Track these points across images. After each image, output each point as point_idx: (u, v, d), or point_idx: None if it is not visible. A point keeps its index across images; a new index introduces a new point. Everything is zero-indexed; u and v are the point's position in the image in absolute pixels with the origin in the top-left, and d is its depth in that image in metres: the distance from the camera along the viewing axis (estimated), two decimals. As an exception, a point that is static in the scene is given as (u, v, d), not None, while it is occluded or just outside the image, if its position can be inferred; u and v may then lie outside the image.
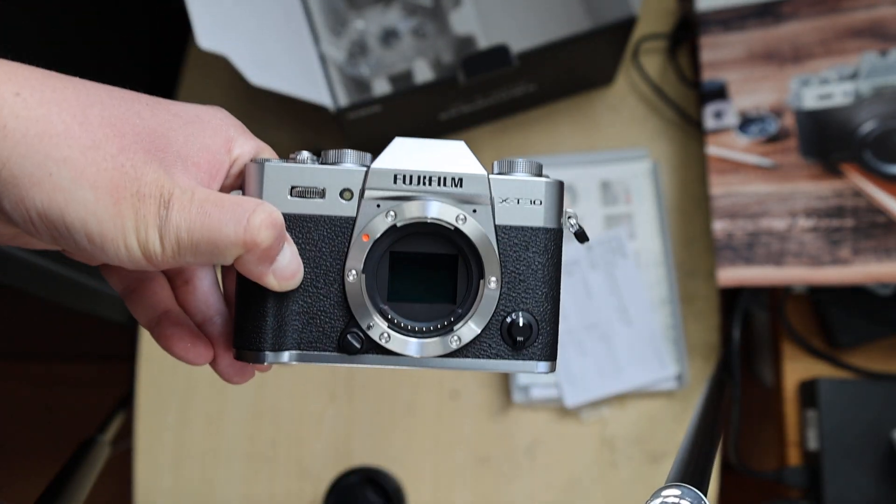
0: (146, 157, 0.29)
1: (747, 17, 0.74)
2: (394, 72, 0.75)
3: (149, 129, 0.30)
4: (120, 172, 0.28)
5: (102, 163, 0.28)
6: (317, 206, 0.33)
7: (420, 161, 0.33)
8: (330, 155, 0.34)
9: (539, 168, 0.34)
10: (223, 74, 0.84)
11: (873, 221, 0.64)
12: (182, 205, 0.29)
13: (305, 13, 0.74)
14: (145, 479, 0.73)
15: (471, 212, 0.32)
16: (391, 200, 0.32)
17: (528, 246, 0.33)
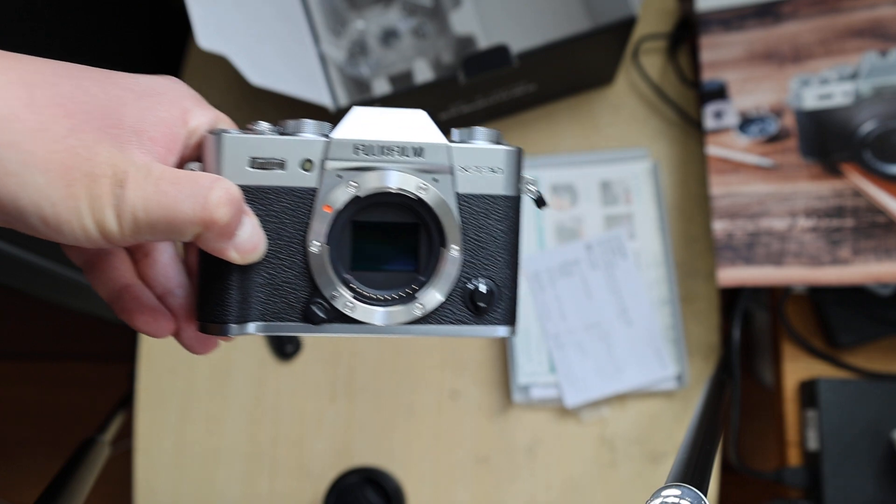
0: (97, 135, 0.29)
1: (747, 17, 0.74)
2: (394, 72, 0.75)
3: (100, 106, 0.29)
4: (71, 154, 0.28)
5: (52, 145, 0.28)
6: (277, 178, 0.32)
7: (381, 131, 0.33)
8: (289, 125, 0.33)
9: (498, 136, 0.34)
10: (223, 74, 0.84)
11: (873, 221, 0.64)
12: (137, 183, 0.28)
13: (305, 13, 0.74)
14: (145, 479, 0.73)
15: (432, 181, 0.33)
16: (353, 171, 0.32)
17: (489, 214, 0.34)
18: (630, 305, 0.71)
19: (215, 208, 0.29)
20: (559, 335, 0.71)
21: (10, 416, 1.40)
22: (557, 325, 0.71)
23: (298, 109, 0.82)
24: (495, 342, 0.74)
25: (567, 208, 0.75)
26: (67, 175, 0.28)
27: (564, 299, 0.72)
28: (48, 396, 1.39)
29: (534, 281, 0.72)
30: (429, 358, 0.74)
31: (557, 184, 0.75)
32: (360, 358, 0.74)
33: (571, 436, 0.71)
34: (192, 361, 0.75)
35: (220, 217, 0.29)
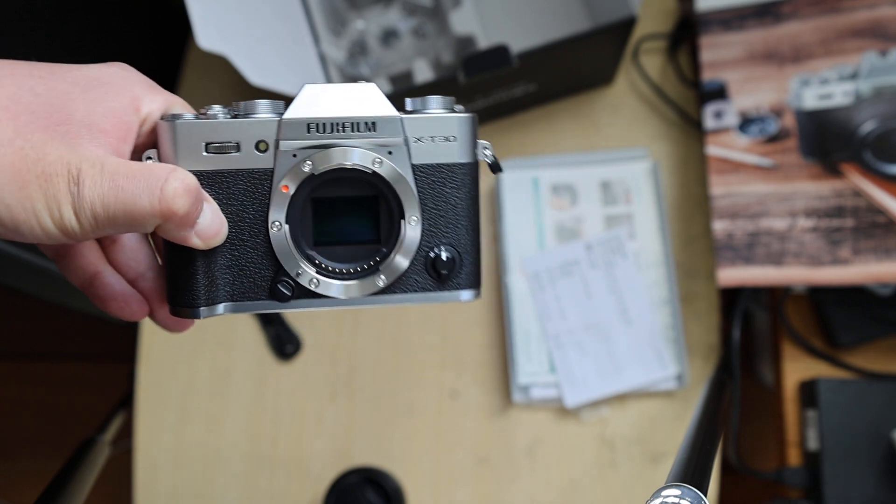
0: (46, 134, 0.28)
1: (747, 17, 0.74)
2: (394, 72, 0.75)
3: (46, 104, 0.29)
4: (20, 156, 0.28)
5: (3, 153, 0.27)
6: (233, 161, 0.32)
7: (332, 107, 0.32)
8: (241, 106, 0.33)
9: (452, 103, 0.34)
10: (223, 74, 0.84)
11: (873, 221, 0.64)
12: (93, 179, 0.28)
13: (305, 13, 0.74)
14: (145, 479, 0.73)
15: (386, 154, 0.33)
16: (307, 150, 0.32)
17: (446, 182, 0.34)
18: (630, 305, 0.71)
19: (172, 200, 0.29)
20: (559, 335, 0.71)
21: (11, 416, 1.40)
22: (557, 325, 0.71)
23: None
24: (494, 342, 0.74)
25: (567, 208, 0.75)
26: (19, 177, 0.27)
27: (564, 299, 0.72)
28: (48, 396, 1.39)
29: (534, 281, 0.72)
30: (429, 358, 0.74)
31: (557, 184, 0.75)
32: (360, 358, 0.74)
33: (571, 436, 0.71)
34: (192, 361, 0.75)
35: (178, 208, 0.29)
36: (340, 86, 0.33)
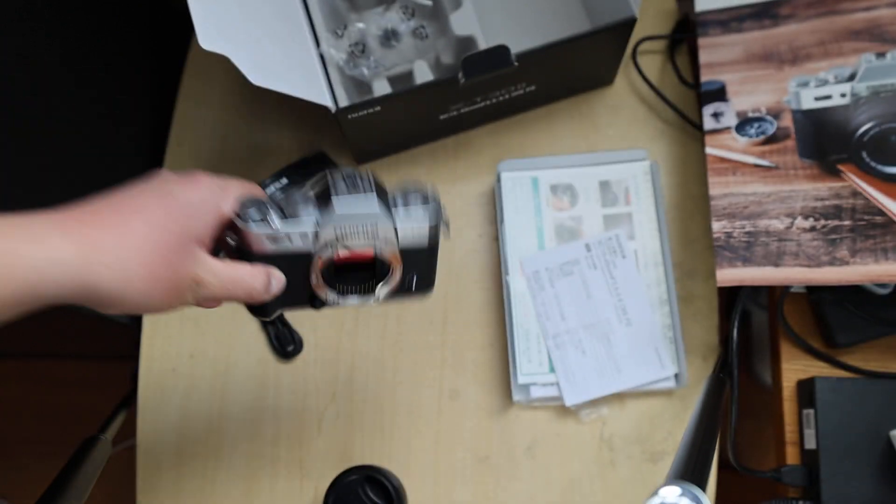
0: (179, 259, 0.43)
1: (746, 19, 0.74)
2: (394, 72, 0.75)
3: (177, 237, 0.43)
4: (169, 284, 0.43)
5: (159, 285, 0.42)
6: (287, 246, 0.48)
7: (350, 219, 0.48)
8: (291, 206, 0.48)
9: (427, 195, 0.50)
10: (224, 74, 0.84)
11: (871, 222, 0.64)
12: (209, 283, 0.44)
13: (306, 14, 0.74)
14: (147, 478, 0.73)
15: (384, 243, 0.49)
16: (334, 241, 0.48)
17: (420, 253, 0.52)
18: (629, 305, 0.71)
19: (262, 295, 0.47)
20: (559, 335, 0.71)
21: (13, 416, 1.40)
22: (557, 324, 0.71)
23: (298, 109, 0.82)
24: (494, 342, 0.74)
25: (566, 208, 0.75)
26: (168, 296, 0.43)
27: (564, 299, 0.72)
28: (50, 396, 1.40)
29: (533, 281, 0.73)
30: (429, 358, 0.74)
31: (557, 184, 0.75)
32: (360, 358, 0.75)
33: (571, 435, 0.72)
34: (193, 361, 0.76)
35: (265, 298, 0.48)
36: (353, 198, 0.48)
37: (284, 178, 0.76)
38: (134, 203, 0.42)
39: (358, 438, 0.73)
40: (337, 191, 0.48)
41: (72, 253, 0.38)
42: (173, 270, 0.42)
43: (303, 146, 0.81)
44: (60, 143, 0.68)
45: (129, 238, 0.40)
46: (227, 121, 0.83)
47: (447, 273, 0.76)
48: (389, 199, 0.50)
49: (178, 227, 0.43)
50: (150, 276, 0.41)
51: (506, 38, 0.76)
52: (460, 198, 0.79)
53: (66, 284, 0.38)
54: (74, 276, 0.38)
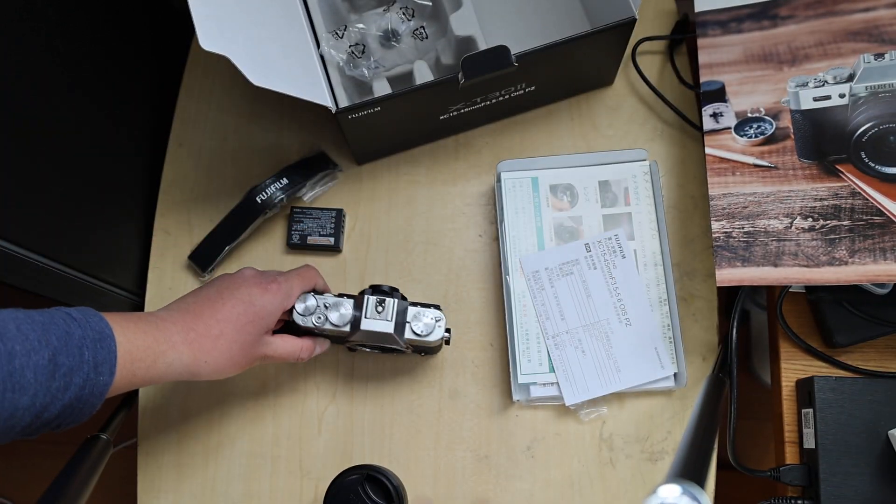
0: (254, 349, 0.61)
1: (745, 19, 0.74)
2: (394, 73, 0.75)
3: (254, 336, 0.61)
4: (245, 364, 0.61)
5: (237, 367, 0.60)
6: (329, 329, 0.65)
7: (370, 334, 0.65)
8: (331, 305, 0.66)
9: (437, 317, 0.66)
10: (224, 75, 0.84)
11: (870, 222, 0.64)
12: (272, 357, 0.63)
13: (306, 14, 0.74)
14: (148, 477, 0.73)
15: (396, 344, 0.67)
16: (362, 334, 0.66)
17: (426, 346, 0.68)
18: (629, 305, 0.72)
19: (305, 359, 0.66)
20: (558, 335, 0.71)
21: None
22: (557, 324, 0.71)
23: (299, 109, 0.82)
24: (495, 342, 0.74)
25: (566, 208, 0.75)
26: (241, 369, 0.61)
27: (564, 299, 0.72)
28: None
29: (533, 281, 0.73)
30: (429, 357, 0.74)
31: (557, 184, 0.76)
32: (360, 358, 0.75)
33: (571, 434, 0.72)
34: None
35: (306, 359, 0.67)
36: (375, 322, 0.65)
37: (284, 178, 0.76)
38: (225, 311, 0.58)
39: (358, 438, 0.73)
40: (366, 314, 0.64)
41: (188, 356, 0.55)
42: (250, 358, 0.61)
43: (303, 146, 0.81)
44: (60, 143, 0.68)
45: (222, 343, 0.58)
46: (227, 121, 0.83)
47: (447, 273, 0.76)
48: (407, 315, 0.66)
49: (256, 329, 0.60)
50: (234, 365, 0.59)
51: (506, 38, 0.76)
52: (460, 198, 0.79)
53: (179, 374, 0.55)
54: (184, 370, 0.55)
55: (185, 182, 0.81)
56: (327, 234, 0.76)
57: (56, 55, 0.67)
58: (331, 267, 0.77)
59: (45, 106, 0.66)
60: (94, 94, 0.74)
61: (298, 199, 0.78)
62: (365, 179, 0.80)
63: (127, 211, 0.80)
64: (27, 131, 0.63)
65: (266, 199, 0.76)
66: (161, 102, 0.85)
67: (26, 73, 0.63)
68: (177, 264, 0.78)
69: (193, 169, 0.81)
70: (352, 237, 0.78)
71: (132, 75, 0.82)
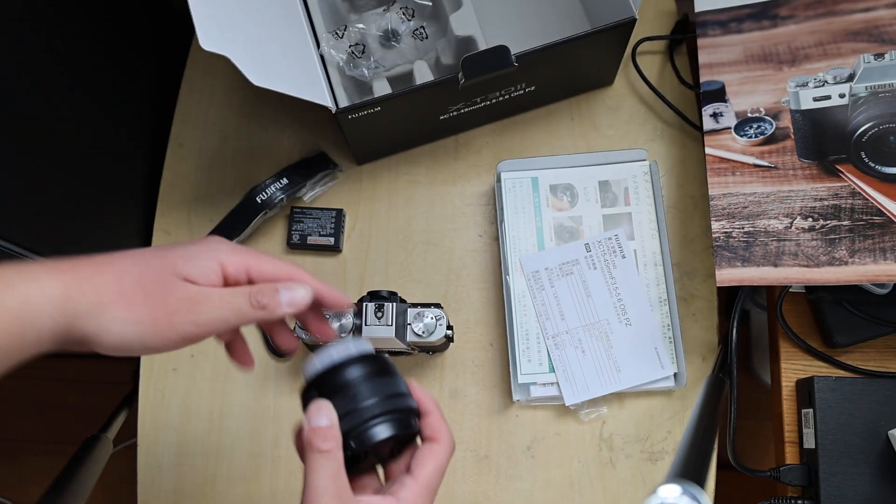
0: (161, 287, 0.42)
1: (745, 19, 0.74)
2: (394, 73, 0.75)
3: (157, 271, 0.43)
4: (151, 311, 0.41)
5: (137, 310, 0.41)
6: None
7: (377, 332, 0.63)
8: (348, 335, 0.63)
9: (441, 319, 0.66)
10: (224, 75, 0.84)
11: (870, 222, 0.64)
12: (209, 303, 0.42)
13: (306, 14, 0.74)
14: (148, 477, 0.73)
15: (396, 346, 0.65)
16: None
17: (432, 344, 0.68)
18: (629, 305, 0.72)
19: (260, 314, 0.44)
20: (558, 335, 0.71)
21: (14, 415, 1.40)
22: (557, 324, 0.71)
23: (298, 109, 0.82)
24: (495, 342, 0.74)
25: (566, 208, 0.75)
26: (149, 324, 0.41)
27: (564, 299, 0.72)
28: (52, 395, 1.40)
29: (533, 281, 0.73)
30: (428, 358, 0.74)
31: (557, 184, 0.76)
32: (360, 357, 0.75)
33: (571, 434, 0.72)
34: (194, 361, 0.76)
35: (262, 315, 0.44)
36: (377, 329, 0.63)
37: (284, 178, 0.76)
38: (125, 251, 0.44)
39: (358, 438, 0.73)
40: (367, 322, 0.62)
41: (55, 288, 0.40)
42: (156, 297, 0.41)
43: (303, 146, 0.81)
44: (60, 143, 0.68)
45: (105, 269, 0.41)
46: (227, 121, 0.83)
47: (447, 273, 0.76)
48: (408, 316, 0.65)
49: (160, 263, 0.43)
50: (125, 302, 0.41)
51: (506, 38, 0.76)
52: (460, 198, 0.79)
53: (49, 324, 0.39)
54: (54, 310, 0.39)
55: (185, 182, 0.81)
56: (327, 234, 0.77)
57: (56, 55, 0.67)
58: (331, 267, 0.77)
59: (46, 106, 0.66)
60: (94, 94, 0.74)
61: (298, 199, 0.78)
62: (365, 179, 0.80)
63: (127, 211, 0.80)
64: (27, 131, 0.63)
65: (266, 199, 0.76)
66: (161, 102, 0.85)
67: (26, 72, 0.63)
68: (177, 264, 0.78)
69: (193, 169, 0.81)
70: (352, 237, 0.78)
71: (132, 75, 0.83)
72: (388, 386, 0.46)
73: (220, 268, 0.44)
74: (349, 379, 0.45)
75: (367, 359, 0.46)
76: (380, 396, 0.45)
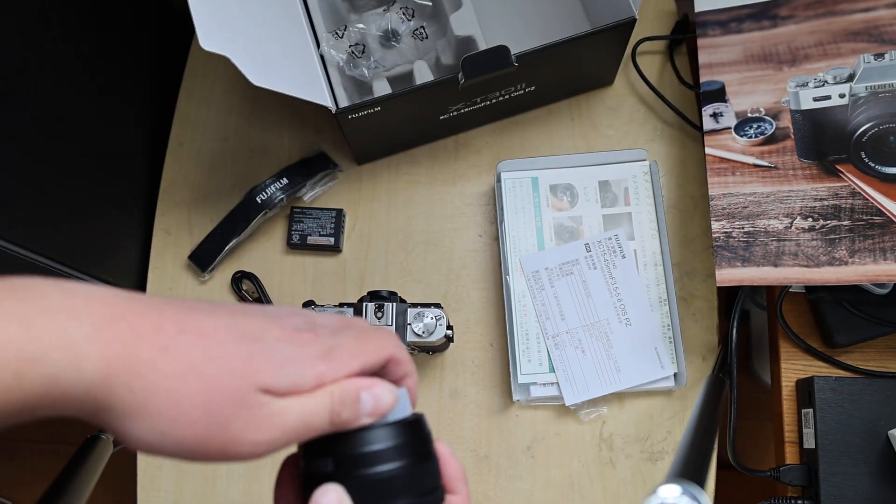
0: (236, 408, 0.31)
1: (745, 20, 0.74)
2: (394, 73, 0.75)
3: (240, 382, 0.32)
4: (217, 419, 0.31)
5: (193, 431, 0.31)
6: None
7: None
8: None
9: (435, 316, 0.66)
10: (225, 75, 0.84)
11: (870, 222, 0.64)
12: (283, 421, 0.32)
13: (306, 14, 0.74)
14: (147, 477, 0.73)
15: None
16: None
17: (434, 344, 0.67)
18: (629, 305, 0.72)
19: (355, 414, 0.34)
20: (558, 334, 0.71)
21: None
22: (557, 324, 0.71)
23: (298, 109, 0.82)
24: (495, 342, 0.74)
25: (566, 208, 0.75)
26: (203, 445, 0.31)
27: (564, 299, 0.72)
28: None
29: (533, 281, 0.73)
30: (429, 358, 0.74)
31: (557, 184, 0.76)
32: (360, 357, 0.75)
33: (571, 434, 0.72)
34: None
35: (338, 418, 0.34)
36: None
37: (284, 178, 0.76)
38: (198, 320, 0.32)
39: (358, 438, 0.73)
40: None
41: (96, 367, 0.29)
42: (217, 423, 0.31)
43: (303, 146, 0.81)
44: (61, 144, 0.68)
45: (169, 356, 0.31)
46: (227, 121, 0.83)
47: (447, 273, 0.76)
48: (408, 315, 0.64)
49: (242, 368, 0.32)
50: (177, 420, 0.30)
51: (506, 38, 0.76)
52: (460, 198, 0.79)
53: (78, 404, 0.29)
54: (86, 394, 0.29)
55: (185, 182, 0.81)
56: (327, 234, 0.77)
57: (56, 55, 0.67)
58: (331, 267, 0.77)
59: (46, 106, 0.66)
60: (93, 95, 0.74)
61: (298, 199, 0.78)
62: (365, 179, 0.80)
63: (127, 211, 0.80)
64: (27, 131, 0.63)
65: (266, 199, 0.76)
66: (161, 102, 0.85)
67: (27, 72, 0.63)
68: (177, 264, 0.78)
69: (193, 169, 0.81)
70: (352, 237, 0.78)
71: (132, 76, 0.83)
72: (424, 477, 0.35)
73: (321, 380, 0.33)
74: (379, 458, 0.33)
75: (407, 429, 0.35)
76: (413, 497, 0.34)
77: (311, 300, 0.70)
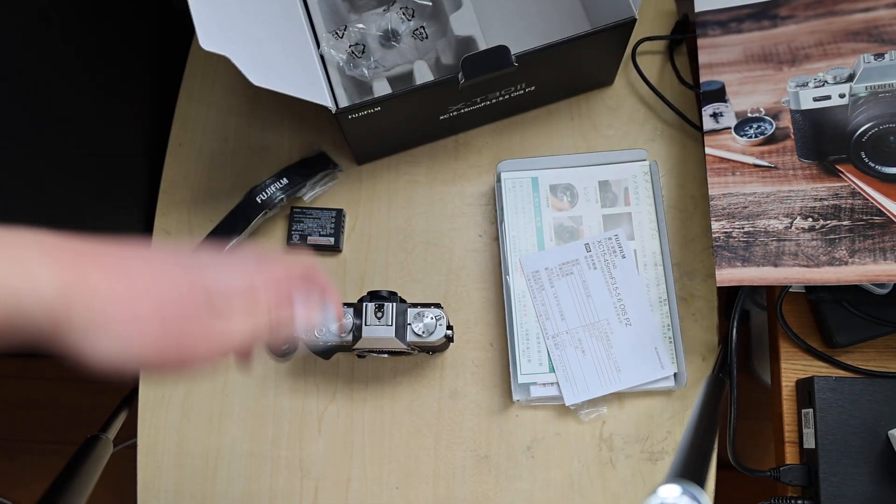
0: (186, 312, 0.37)
1: (745, 19, 0.74)
2: (394, 73, 0.75)
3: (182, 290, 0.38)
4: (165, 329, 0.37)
5: (152, 339, 0.36)
6: (330, 340, 0.66)
7: (372, 340, 0.65)
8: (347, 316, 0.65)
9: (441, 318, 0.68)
10: (225, 75, 0.84)
11: (870, 222, 0.64)
12: (231, 330, 0.40)
13: (306, 14, 0.74)
14: (148, 477, 0.73)
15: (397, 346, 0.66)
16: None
17: (433, 344, 0.68)
18: (629, 305, 0.72)
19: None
20: (558, 335, 0.71)
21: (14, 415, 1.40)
22: (557, 324, 0.71)
23: (298, 109, 0.82)
24: (495, 342, 0.74)
25: (566, 208, 0.75)
26: (160, 351, 0.36)
27: (564, 299, 0.72)
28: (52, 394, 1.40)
29: (533, 281, 0.73)
30: (429, 358, 0.74)
31: (557, 184, 0.76)
32: (360, 358, 0.75)
33: (571, 434, 0.72)
34: (194, 360, 0.76)
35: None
36: (377, 329, 0.64)
37: (284, 178, 0.76)
38: (143, 249, 0.38)
39: (358, 438, 0.73)
40: (367, 322, 0.63)
41: (54, 288, 0.32)
42: (173, 327, 0.36)
43: (303, 146, 0.81)
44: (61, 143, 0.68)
45: (120, 276, 0.35)
46: (227, 121, 0.83)
47: (447, 273, 0.76)
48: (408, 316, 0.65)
49: (186, 276, 0.38)
50: (135, 328, 0.34)
51: (506, 38, 0.76)
52: (460, 198, 0.79)
53: (39, 324, 0.32)
54: (47, 314, 0.32)
55: (185, 182, 0.81)
56: (327, 234, 0.77)
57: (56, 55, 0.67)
58: (331, 267, 0.77)
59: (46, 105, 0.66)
60: (93, 94, 0.74)
61: (298, 199, 0.78)
62: (365, 179, 0.80)
63: (127, 211, 0.80)
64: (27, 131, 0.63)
65: (266, 199, 0.76)
66: (161, 102, 0.86)
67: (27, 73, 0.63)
68: (177, 264, 0.78)
69: (193, 169, 0.81)
70: (352, 237, 0.78)
71: (132, 75, 0.83)
72: None
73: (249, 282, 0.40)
74: None
75: None
76: None
77: None
